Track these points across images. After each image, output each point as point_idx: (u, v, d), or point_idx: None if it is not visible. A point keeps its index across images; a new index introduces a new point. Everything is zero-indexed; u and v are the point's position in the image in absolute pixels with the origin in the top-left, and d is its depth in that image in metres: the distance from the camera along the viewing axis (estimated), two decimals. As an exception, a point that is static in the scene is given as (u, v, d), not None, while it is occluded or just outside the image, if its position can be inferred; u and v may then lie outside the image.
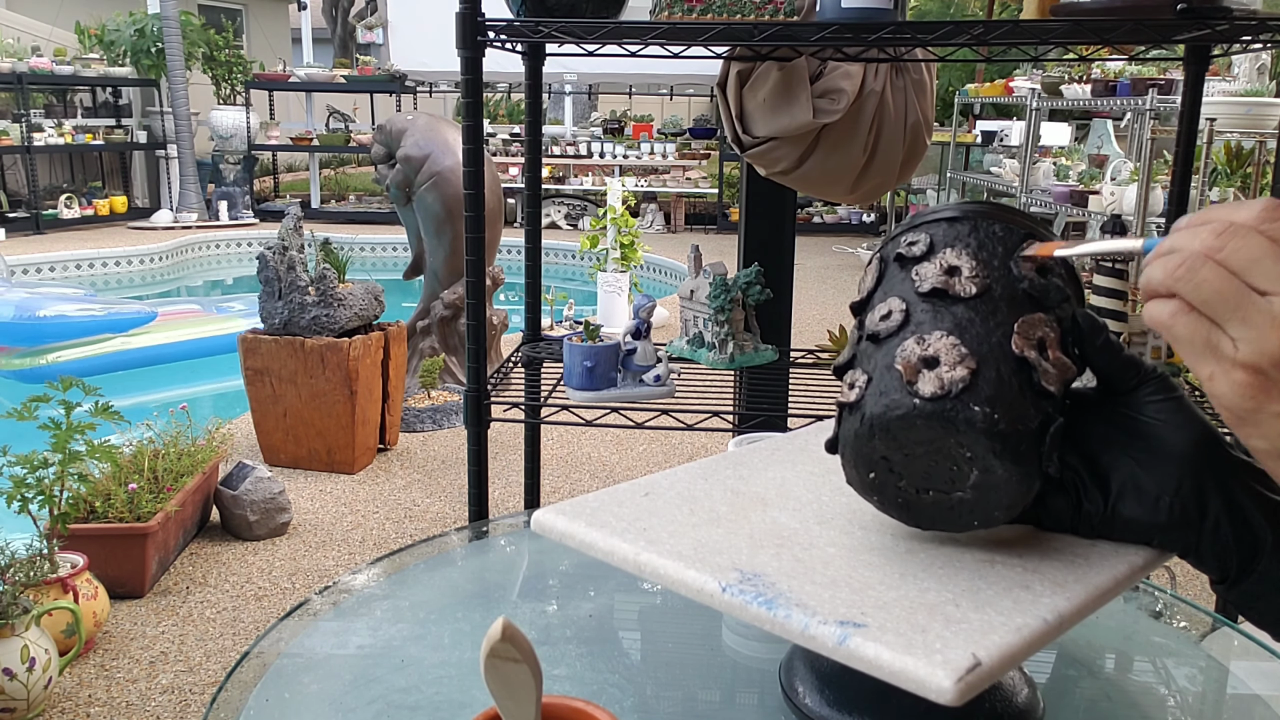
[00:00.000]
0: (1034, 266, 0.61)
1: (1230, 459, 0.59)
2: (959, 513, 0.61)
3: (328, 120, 11.03)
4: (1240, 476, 0.58)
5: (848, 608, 0.57)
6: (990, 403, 0.56)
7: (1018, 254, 0.61)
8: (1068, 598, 0.58)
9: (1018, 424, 0.57)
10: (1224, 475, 0.58)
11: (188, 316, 5.57)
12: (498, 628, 0.52)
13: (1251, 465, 0.58)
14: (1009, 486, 0.58)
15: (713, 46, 1.63)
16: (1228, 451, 0.59)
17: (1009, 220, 0.63)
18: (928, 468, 0.59)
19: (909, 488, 0.61)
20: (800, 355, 2.02)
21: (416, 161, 4.19)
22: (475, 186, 1.63)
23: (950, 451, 0.58)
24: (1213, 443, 0.59)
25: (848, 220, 10.34)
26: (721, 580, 0.60)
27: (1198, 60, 1.81)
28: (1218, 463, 0.58)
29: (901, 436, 0.58)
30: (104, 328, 5.14)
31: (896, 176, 2.10)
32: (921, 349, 0.58)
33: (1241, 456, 0.58)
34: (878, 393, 0.59)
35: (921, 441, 0.58)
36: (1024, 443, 0.57)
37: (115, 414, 2.43)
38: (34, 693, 2.03)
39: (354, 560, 2.87)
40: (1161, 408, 0.60)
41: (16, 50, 9.22)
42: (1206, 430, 0.59)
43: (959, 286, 0.60)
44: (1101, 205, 5.42)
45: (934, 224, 0.64)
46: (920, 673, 0.51)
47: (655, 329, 3.40)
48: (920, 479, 0.60)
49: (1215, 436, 0.59)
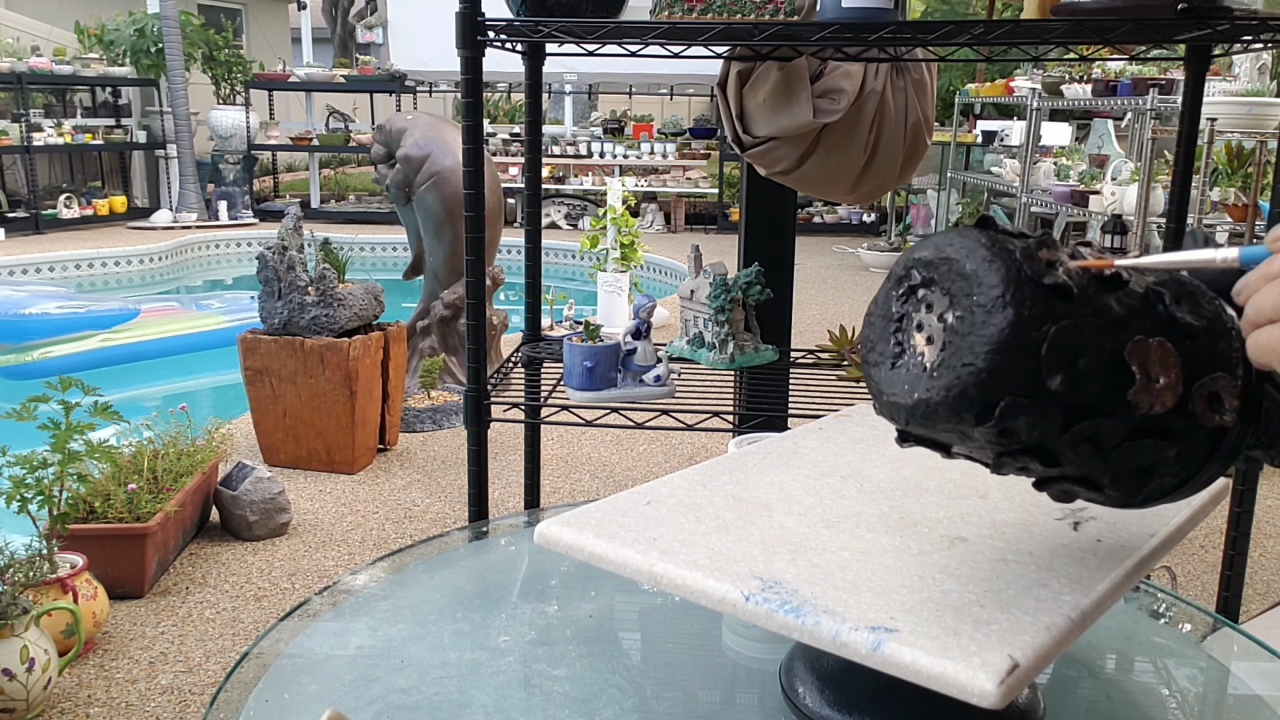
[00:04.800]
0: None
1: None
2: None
3: (327, 120, 11.03)
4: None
5: (875, 612, 0.57)
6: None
7: (1071, 264, 0.58)
8: (1086, 593, 0.58)
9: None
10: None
11: (169, 314, 5.66)
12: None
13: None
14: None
15: (713, 46, 1.63)
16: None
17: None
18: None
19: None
20: (800, 355, 2.02)
21: (416, 161, 4.19)
22: (475, 186, 1.63)
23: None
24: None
25: (848, 220, 10.33)
26: (744, 589, 0.60)
27: (1198, 60, 1.81)
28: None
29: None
30: (87, 324, 5.22)
31: (897, 176, 2.09)
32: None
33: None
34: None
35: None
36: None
37: (115, 414, 2.43)
38: (33, 693, 2.03)
39: (354, 560, 2.87)
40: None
41: (16, 50, 9.21)
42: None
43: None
44: (1102, 205, 5.41)
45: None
46: (961, 677, 0.51)
47: (655, 329, 3.39)
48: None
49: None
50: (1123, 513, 0.74)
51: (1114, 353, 0.54)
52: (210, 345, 5.48)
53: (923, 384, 0.55)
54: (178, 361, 5.44)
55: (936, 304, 0.57)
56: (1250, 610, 2.39)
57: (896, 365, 0.58)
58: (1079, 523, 0.72)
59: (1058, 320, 0.53)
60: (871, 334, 0.61)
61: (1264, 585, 2.80)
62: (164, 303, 6.07)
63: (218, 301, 5.91)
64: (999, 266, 0.53)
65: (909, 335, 0.58)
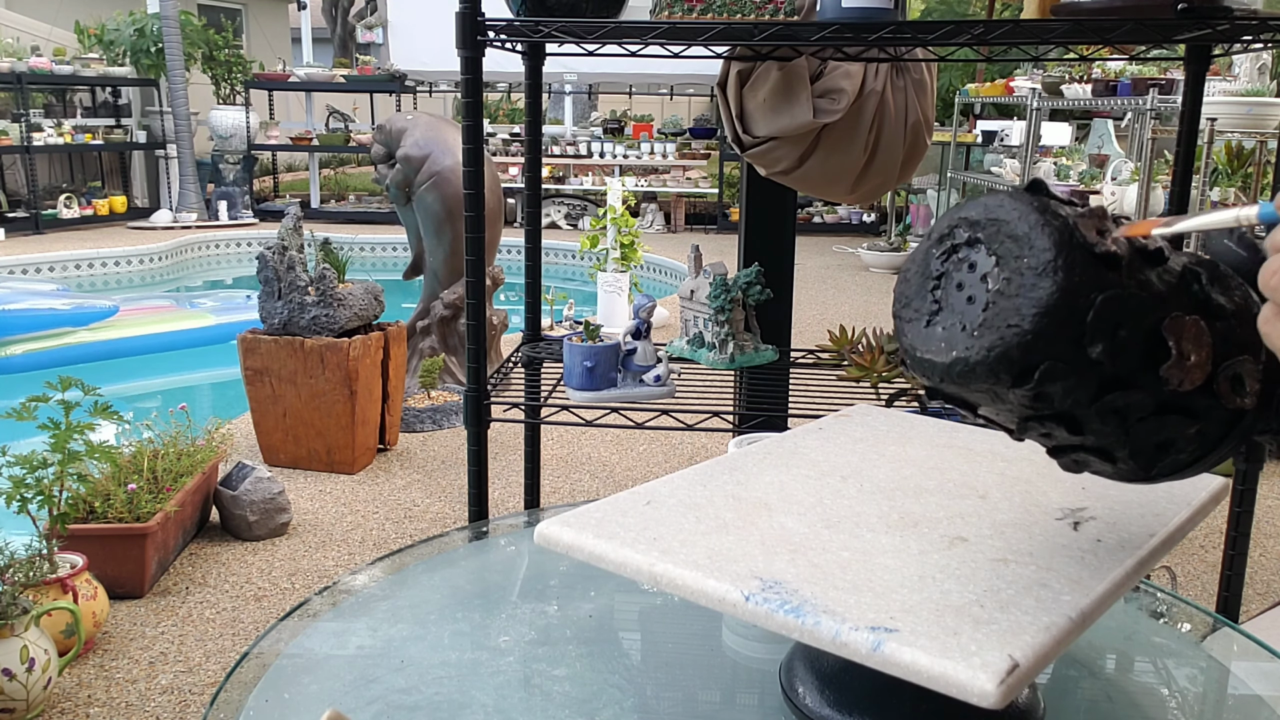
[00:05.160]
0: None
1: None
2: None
3: (327, 120, 11.03)
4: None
5: (875, 613, 0.57)
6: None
7: (1116, 232, 0.58)
8: (1086, 594, 0.58)
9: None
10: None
11: (151, 312, 5.71)
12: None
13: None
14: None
15: (713, 46, 1.63)
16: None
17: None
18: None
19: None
20: (800, 355, 2.02)
21: (416, 161, 4.19)
22: (475, 186, 1.63)
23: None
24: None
25: (848, 220, 10.33)
26: (744, 589, 0.60)
27: (1198, 60, 1.81)
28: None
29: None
30: (65, 321, 5.27)
31: (897, 176, 2.09)
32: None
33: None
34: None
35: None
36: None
37: (115, 414, 2.43)
38: (33, 693, 2.03)
39: (354, 560, 2.87)
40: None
41: (16, 50, 9.21)
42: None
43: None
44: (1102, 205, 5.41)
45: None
46: (961, 677, 0.51)
47: (655, 329, 3.39)
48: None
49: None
50: (1123, 513, 0.74)
51: (1152, 327, 0.54)
52: (195, 343, 5.53)
53: (962, 342, 0.56)
54: (161, 359, 5.49)
55: (981, 264, 0.57)
56: (1250, 610, 2.39)
57: (933, 323, 0.58)
58: (1079, 523, 0.72)
59: (1105, 289, 0.53)
60: (907, 290, 0.61)
61: (1264, 585, 2.80)
62: (157, 300, 6.12)
63: (211, 300, 5.96)
64: (1051, 231, 0.54)
65: (949, 293, 0.58)
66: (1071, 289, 0.52)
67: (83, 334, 5.29)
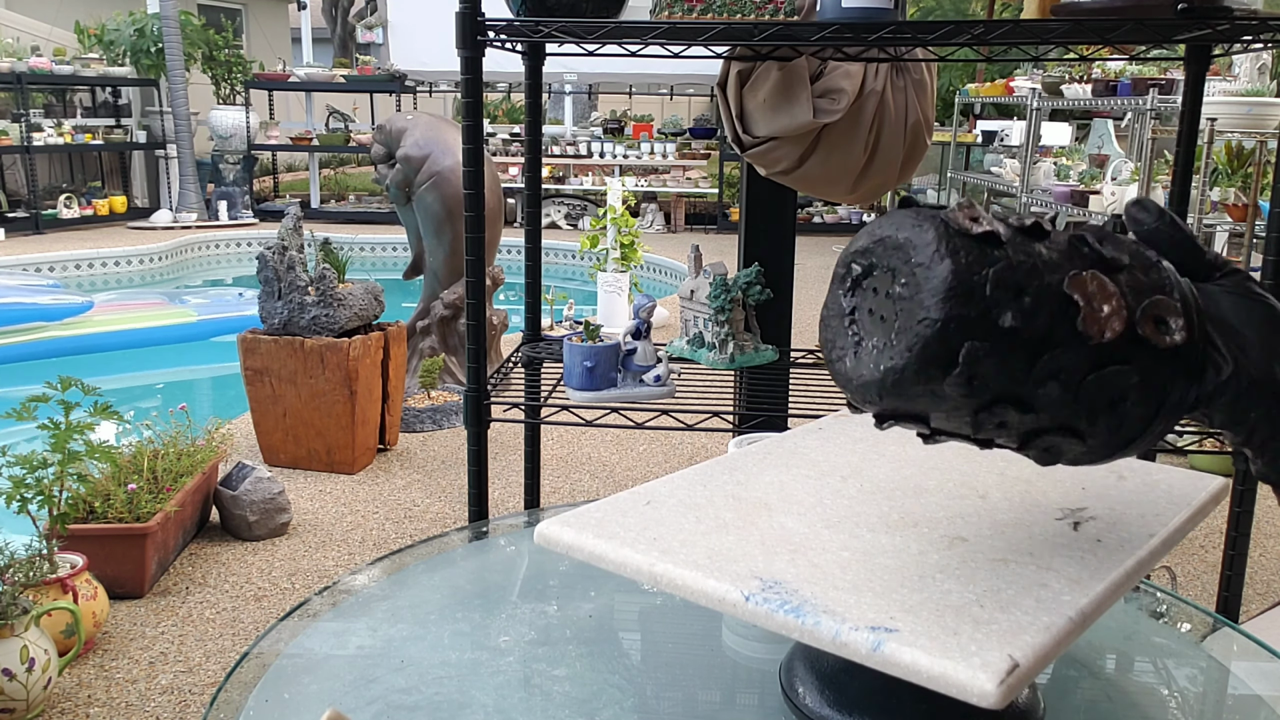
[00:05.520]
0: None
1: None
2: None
3: (327, 120, 11.03)
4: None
5: (875, 612, 0.57)
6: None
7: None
8: (1086, 594, 0.58)
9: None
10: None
11: (128, 308, 5.74)
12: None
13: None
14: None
15: (713, 46, 1.63)
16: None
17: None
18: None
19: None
20: (800, 355, 2.02)
21: (416, 161, 4.19)
22: (475, 186, 1.63)
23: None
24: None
25: (848, 220, 10.33)
26: (744, 589, 0.60)
27: (1198, 60, 1.81)
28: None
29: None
30: (37, 316, 5.30)
31: (897, 176, 2.09)
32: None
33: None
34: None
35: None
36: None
37: (115, 414, 2.43)
38: (33, 693, 2.03)
39: (354, 560, 2.87)
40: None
41: (16, 50, 9.22)
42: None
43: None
44: (1102, 205, 5.41)
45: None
46: (961, 677, 0.51)
47: (655, 329, 3.39)
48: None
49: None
50: (1123, 513, 0.74)
51: (1055, 287, 0.57)
52: (174, 340, 5.55)
53: (887, 354, 0.58)
54: (138, 355, 5.50)
55: (880, 284, 0.60)
56: (1250, 610, 2.39)
57: (859, 352, 0.61)
58: (1079, 523, 0.72)
59: (994, 264, 0.56)
60: (829, 334, 0.64)
61: (1264, 585, 2.80)
62: (148, 296, 6.15)
63: (201, 297, 5.98)
64: (929, 228, 0.57)
65: (863, 323, 0.61)
66: (962, 268, 0.55)
67: (54, 329, 5.32)
